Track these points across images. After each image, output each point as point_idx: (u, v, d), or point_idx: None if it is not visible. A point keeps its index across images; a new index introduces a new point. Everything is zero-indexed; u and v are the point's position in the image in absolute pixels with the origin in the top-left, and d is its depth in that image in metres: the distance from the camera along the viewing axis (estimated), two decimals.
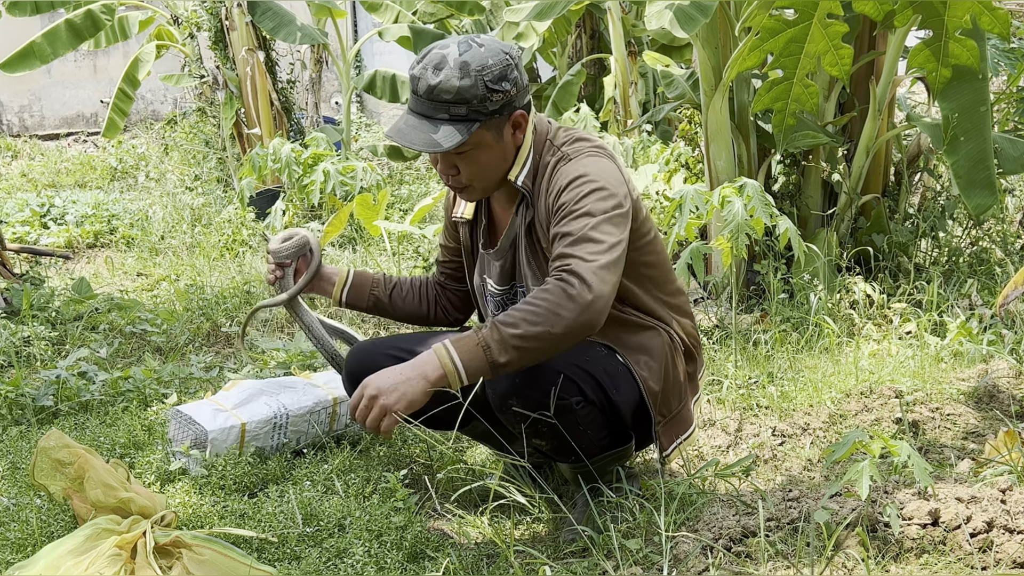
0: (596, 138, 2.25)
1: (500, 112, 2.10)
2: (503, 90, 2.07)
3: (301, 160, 5.59)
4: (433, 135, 2.07)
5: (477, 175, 2.18)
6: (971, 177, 3.60)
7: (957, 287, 4.04)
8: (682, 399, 2.34)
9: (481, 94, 2.06)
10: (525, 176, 2.20)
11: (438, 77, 2.05)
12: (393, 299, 2.56)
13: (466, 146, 2.11)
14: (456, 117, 2.07)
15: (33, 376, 3.57)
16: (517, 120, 2.15)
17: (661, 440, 2.28)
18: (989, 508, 2.00)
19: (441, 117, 2.08)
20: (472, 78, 2.05)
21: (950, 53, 3.41)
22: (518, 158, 2.19)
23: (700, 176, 4.66)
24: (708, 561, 1.98)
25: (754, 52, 3.53)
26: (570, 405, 2.13)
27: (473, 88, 2.05)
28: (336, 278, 2.51)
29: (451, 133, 2.07)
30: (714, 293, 4.17)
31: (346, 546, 2.19)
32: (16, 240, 6.21)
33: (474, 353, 1.98)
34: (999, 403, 3.03)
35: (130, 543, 1.94)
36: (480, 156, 2.14)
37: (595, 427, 2.22)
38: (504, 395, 2.12)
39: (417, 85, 2.09)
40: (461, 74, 2.04)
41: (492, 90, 2.06)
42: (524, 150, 2.20)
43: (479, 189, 2.23)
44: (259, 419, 2.70)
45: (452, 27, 7.66)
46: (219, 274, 5.22)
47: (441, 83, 2.05)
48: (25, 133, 11.77)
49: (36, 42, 6.50)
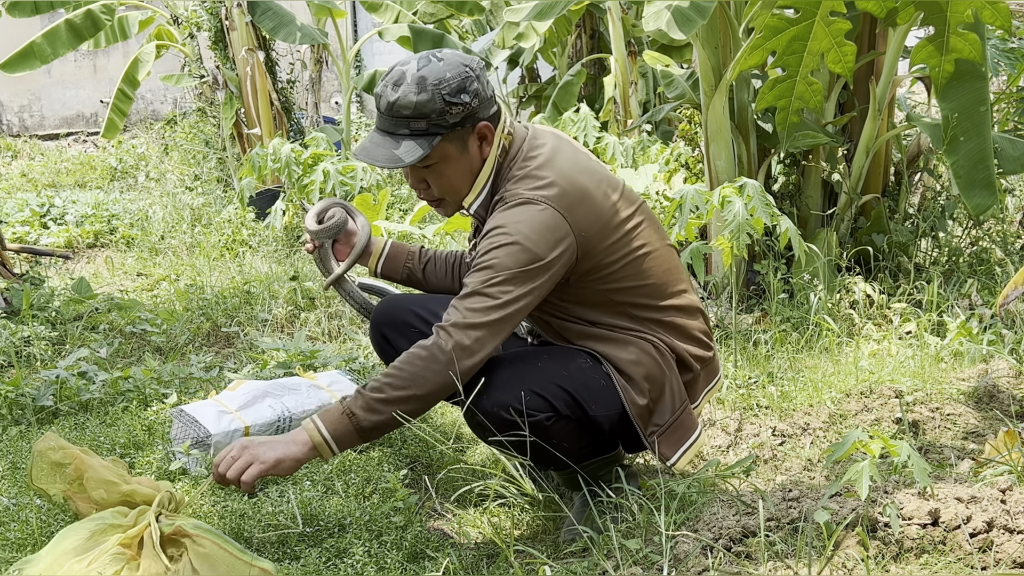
0: (548, 176, 2.14)
1: (461, 124, 2.11)
2: (462, 102, 2.08)
3: (301, 160, 5.59)
4: (395, 151, 2.10)
5: (446, 188, 2.20)
6: (971, 177, 3.60)
7: (957, 287, 4.04)
8: (678, 406, 2.30)
9: (439, 107, 2.07)
10: (479, 205, 2.21)
11: (396, 93, 2.08)
12: (427, 272, 2.61)
13: (429, 159, 2.13)
14: (416, 132, 2.10)
15: (33, 376, 3.58)
16: (482, 132, 2.15)
17: (661, 450, 2.26)
18: (989, 508, 2.00)
19: (402, 133, 2.10)
20: (429, 92, 2.07)
21: (952, 47, 3.41)
22: (475, 185, 2.19)
23: (700, 176, 4.67)
24: (708, 561, 1.98)
25: (756, 51, 3.53)
26: (540, 422, 2.12)
27: (431, 102, 2.07)
28: (373, 248, 2.56)
29: (412, 148, 2.09)
30: (714, 293, 4.17)
31: (346, 546, 2.19)
32: (16, 240, 6.21)
33: (339, 422, 2.03)
34: (999, 403, 3.03)
35: (135, 538, 1.94)
36: (446, 169, 2.16)
37: (572, 439, 2.20)
38: (471, 412, 2.12)
39: (379, 102, 2.13)
40: (418, 89, 2.07)
41: (450, 103, 2.08)
42: (483, 176, 2.19)
43: (452, 203, 2.25)
44: (263, 422, 2.70)
45: (452, 27, 7.67)
46: (219, 274, 5.22)
47: (399, 99, 2.08)
48: (25, 133, 11.77)
49: (36, 42, 6.50)
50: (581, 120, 6.26)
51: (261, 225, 6.02)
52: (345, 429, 2.03)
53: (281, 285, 4.63)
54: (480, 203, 2.20)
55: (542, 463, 2.23)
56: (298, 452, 2.02)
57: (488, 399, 2.10)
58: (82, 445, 2.39)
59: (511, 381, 2.12)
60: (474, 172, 2.18)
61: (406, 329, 2.44)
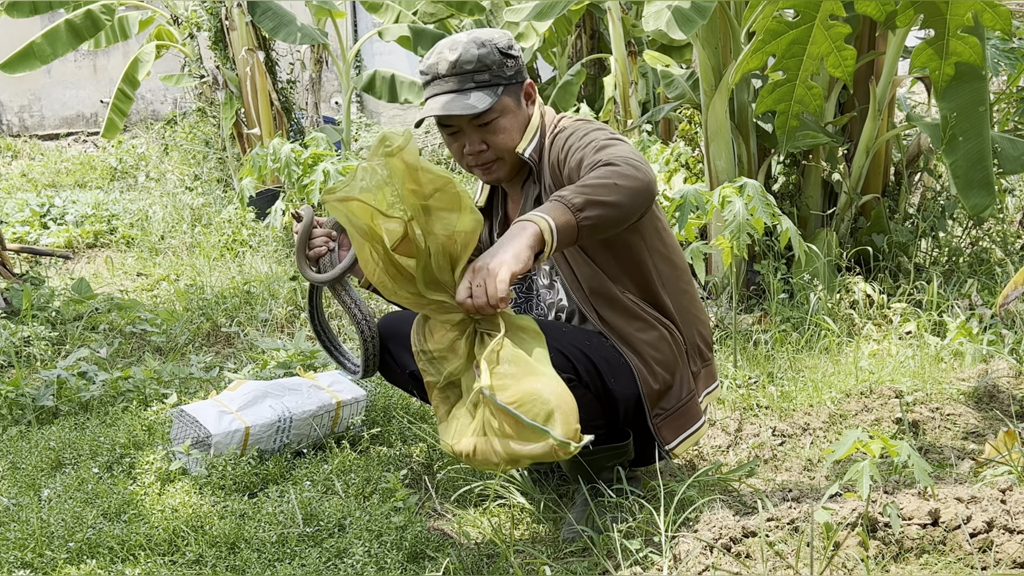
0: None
1: (516, 79, 2.26)
2: (515, 55, 2.25)
3: (301, 160, 5.59)
4: (467, 100, 2.20)
5: (505, 143, 2.27)
6: (969, 177, 3.59)
7: (957, 287, 4.04)
8: (685, 395, 2.33)
9: (498, 59, 2.22)
10: (532, 149, 2.30)
11: (456, 53, 2.21)
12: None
13: (494, 112, 2.23)
14: (481, 84, 2.22)
15: (33, 376, 3.58)
16: (527, 90, 2.31)
17: (662, 433, 2.28)
18: (989, 508, 2.00)
19: (469, 87, 2.21)
20: (487, 47, 2.22)
21: (952, 51, 3.41)
22: (527, 132, 2.30)
23: (700, 176, 4.66)
24: (708, 561, 1.98)
25: (756, 54, 3.53)
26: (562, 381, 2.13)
27: (491, 55, 2.21)
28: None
29: (482, 97, 2.21)
30: (714, 293, 4.17)
31: (346, 546, 2.19)
32: (16, 240, 6.21)
33: (555, 207, 1.90)
34: (999, 403, 3.03)
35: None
36: (505, 123, 2.26)
37: (589, 411, 2.20)
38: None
39: (437, 68, 2.23)
40: (477, 45, 2.21)
41: (506, 55, 2.23)
42: (533, 124, 2.31)
43: (507, 163, 2.31)
44: (263, 423, 2.70)
45: (452, 27, 7.66)
46: (219, 274, 5.22)
47: (461, 56, 2.21)
48: (25, 133, 11.77)
49: (36, 42, 6.50)
50: None
51: (261, 225, 6.02)
52: (562, 213, 1.90)
53: (281, 285, 4.63)
54: (533, 147, 2.30)
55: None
56: (526, 241, 1.86)
57: None
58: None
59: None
60: (524, 126, 2.30)
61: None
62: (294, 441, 2.77)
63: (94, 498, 2.45)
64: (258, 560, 2.16)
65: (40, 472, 2.69)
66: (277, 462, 2.65)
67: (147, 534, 2.24)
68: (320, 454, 2.75)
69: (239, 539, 2.23)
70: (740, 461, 2.76)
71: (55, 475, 2.68)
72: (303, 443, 2.78)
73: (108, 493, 2.46)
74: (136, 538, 2.22)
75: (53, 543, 2.21)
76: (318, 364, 3.43)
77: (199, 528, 2.27)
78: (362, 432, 2.89)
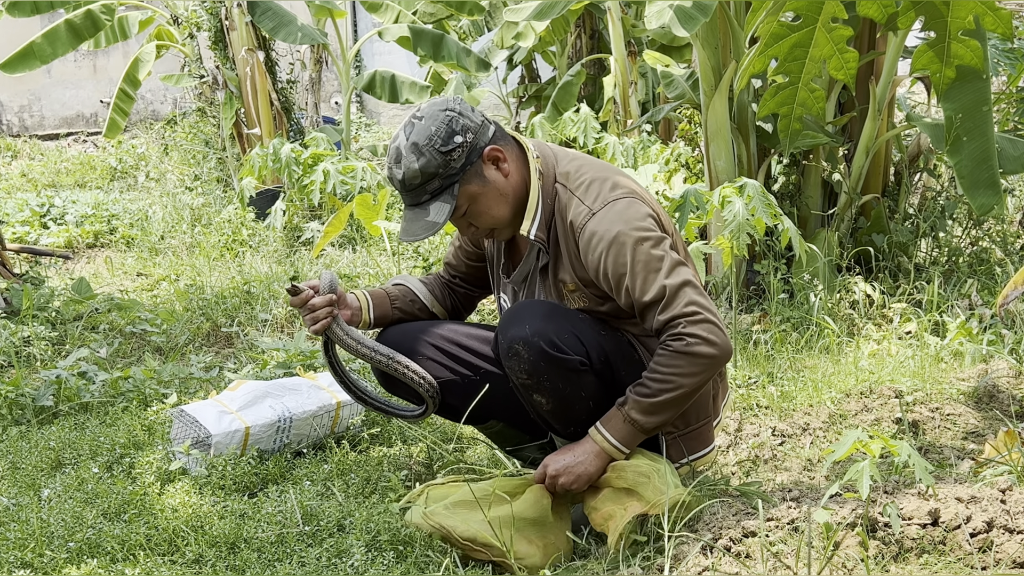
0: (608, 172, 2.28)
1: (469, 163, 2.20)
2: (457, 145, 2.17)
3: (301, 160, 5.59)
4: (427, 218, 2.20)
5: (489, 221, 2.28)
6: (974, 177, 3.59)
7: (957, 287, 4.04)
8: (702, 418, 2.36)
9: (441, 161, 2.17)
10: (537, 229, 2.26)
11: (401, 169, 2.19)
12: (417, 310, 2.59)
13: (459, 209, 2.23)
14: (435, 192, 2.20)
15: (33, 376, 3.57)
16: (492, 156, 2.23)
17: (670, 452, 2.31)
18: (989, 508, 2.00)
19: (424, 200, 2.21)
20: (426, 154, 2.16)
21: (953, 54, 3.41)
22: (527, 211, 2.26)
23: (700, 176, 4.67)
24: (708, 561, 1.98)
25: (759, 57, 3.53)
26: (574, 363, 2.18)
27: (431, 161, 2.17)
28: (357, 303, 2.50)
29: (440, 208, 2.20)
30: (714, 293, 4.17)
31: (346, 546, 2.19)
32: (16, 240, 6.20)
33: (629, 433, 2.19)
34: (999, 403, 3.03)
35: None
36: (479, 206, 2.25)
37: (596, 398, 2.25)
38: (512, 339, 2.18)
39: (393, 184, 2.24)
40: (416, 156, 2.17)
41: (448, 152, 2.17)
42: (532, 201, 2.26)
43: (503, 229, 2.32)
44: (263, 423, 2.70)
45: (451, 27, 7.66)
46: (219, 274, 5.22)
47: (406, 173, 2.19)
48: (25, 133, 11.76)
49: (36, 42, 6.50)
50: (581, 120, 6.25)
51: (261, 225, 6.02)
52: (630, 434, 2.19)
53: (281, 285, 4.63)
54: (537, 227, 2.26)
55: (560, 419, 2.27)
56: (599, 465, 2.22)
57: (531, 328, 2.17)
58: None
59: (555, 319, 2.20)
60: (505, 194, 2.25)
61: (425, 362, 2.42)
62: (294, 441, 2.77)
63: (94, 498, 2.45)
64: (258, 560, 2.16)
65: (40, 472, 2.69)
66: (277, 462, 2.64)
67: (147, 534, 2.24)
68: (320, 454, 2.75)
69: (239, 539, 2.23)
70: (740, 461, 2.76)
71: (55, 475, 2.68)
72: (303, 443, 2.78)
73: (108, 493, 2.46)
74: (136, 538, 2.22)
75: (53, 543, 2.21)
76: (318, 364, 3.43)
77: (199, 528, 2.27)
78: (362, 432, 2.89)
